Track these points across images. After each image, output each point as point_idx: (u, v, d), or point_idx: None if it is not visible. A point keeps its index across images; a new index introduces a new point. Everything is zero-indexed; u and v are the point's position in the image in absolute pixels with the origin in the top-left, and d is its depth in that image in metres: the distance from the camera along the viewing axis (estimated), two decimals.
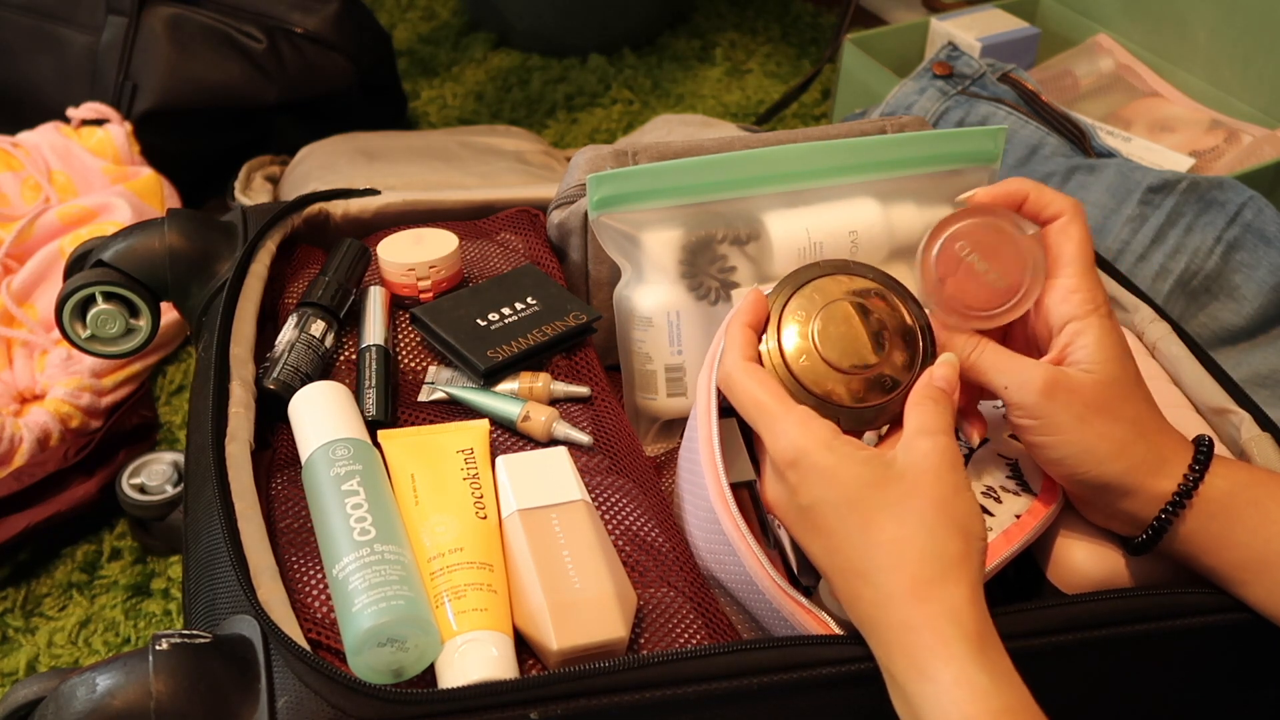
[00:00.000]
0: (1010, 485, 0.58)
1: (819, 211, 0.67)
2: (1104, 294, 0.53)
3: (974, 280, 0.54)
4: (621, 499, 0.58)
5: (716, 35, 1.58)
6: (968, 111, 1.05)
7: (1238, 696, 0.57)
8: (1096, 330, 0.52)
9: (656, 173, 0.65)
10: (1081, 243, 0.54)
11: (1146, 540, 0.53)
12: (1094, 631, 0.52)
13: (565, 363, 0.66)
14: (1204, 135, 1.14)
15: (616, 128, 1.39)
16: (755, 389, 0.52)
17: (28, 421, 0.91)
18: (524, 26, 1.51)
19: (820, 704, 0.50)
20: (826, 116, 1.39)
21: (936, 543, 0.47)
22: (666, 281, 0.66)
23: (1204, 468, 0.51)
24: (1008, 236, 0.54)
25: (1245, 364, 0.90)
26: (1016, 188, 0.55)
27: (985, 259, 0.54)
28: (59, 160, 1.10)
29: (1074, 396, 0.51)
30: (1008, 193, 0.55)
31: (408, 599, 0.48)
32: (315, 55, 1.20)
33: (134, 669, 0.46)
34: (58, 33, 1.17)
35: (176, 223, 0.72)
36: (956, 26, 1.24)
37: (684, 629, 0.53)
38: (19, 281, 1.02)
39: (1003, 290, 0.54)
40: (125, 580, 0.86)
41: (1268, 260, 0.89)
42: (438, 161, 1.11)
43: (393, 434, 0.59)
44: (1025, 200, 0.55)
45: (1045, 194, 0.55)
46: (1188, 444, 0.53)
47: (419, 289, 0.69)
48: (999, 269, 0.54)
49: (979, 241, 0.54)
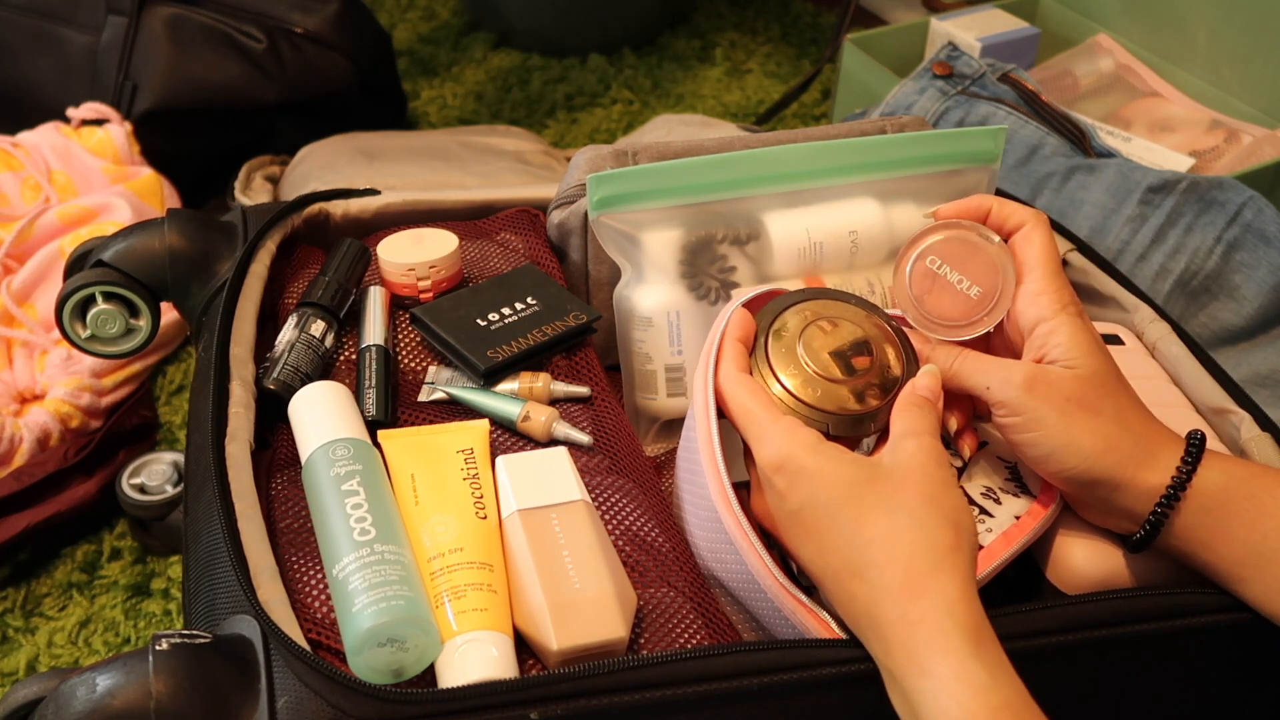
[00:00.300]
0: (1009, 487, 0.58)
1: (819, 211, 0.67)
2: (1071, 294, 0.55)
3: (949, 293, 0.56)
4: (621, 499, 0.58)
5: (716, 35, 1.58)
6: (968, 111, 1.05)
7: (1237, 696, 0.57)
8: (1068, 328, 0.53)
9: (656, 173, 0.65)
10: (1044, 247, 0.55)
11: (1144, 536, 0.53)
12: (1093, 632, 0.52)
13: (565, 363, 0.66)
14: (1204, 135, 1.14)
15: (616, 128, 1.39)
16: (744, 397, 0.53)
17: (28, 421, 0.91)
18: (524, 26, 1.51)
19: (821, 704, 0.50)
20: (826, 116, 1.39)
21: (928, 535, 0.48)
22: (666, 281, 0.66)
23: (1196, 461, 0.52)
24: (976, 246, 0.56)
25: (1245, 364, 0.90)
26: (979, 203, 0.57)
27: (957, 270, 0.56)
28: (59, 160, 1.10)
29: (1055, 390, 0.52)
30: (970, 207, 0.57)
31: (408, 599, 0.48)
32: (315, 55, 1.20)
33: (134, 669, 0.46)
34: (58, 33, 1.17)
35: (176, 223, 0.73)
36: (956, 26, 1.24)
37: (684, 629, 0.53)
38: (19, 281, 1.02)
39: (977, 299, 0.56)
40: (125, 580, 0.86)
41: (1268, 260, 0.89)
42: (438, 161, 1.11)
43: (393, 434, 0.59)
44: (988, 214, 0.57)
45: (1007, 206, 0.57)
46: (1178, 439, 0.53)
47: (419, 289, 0.69)
48: (972, 278, 0.56)
49: (949, 254, 0.56)
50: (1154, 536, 0.52)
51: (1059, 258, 0.56)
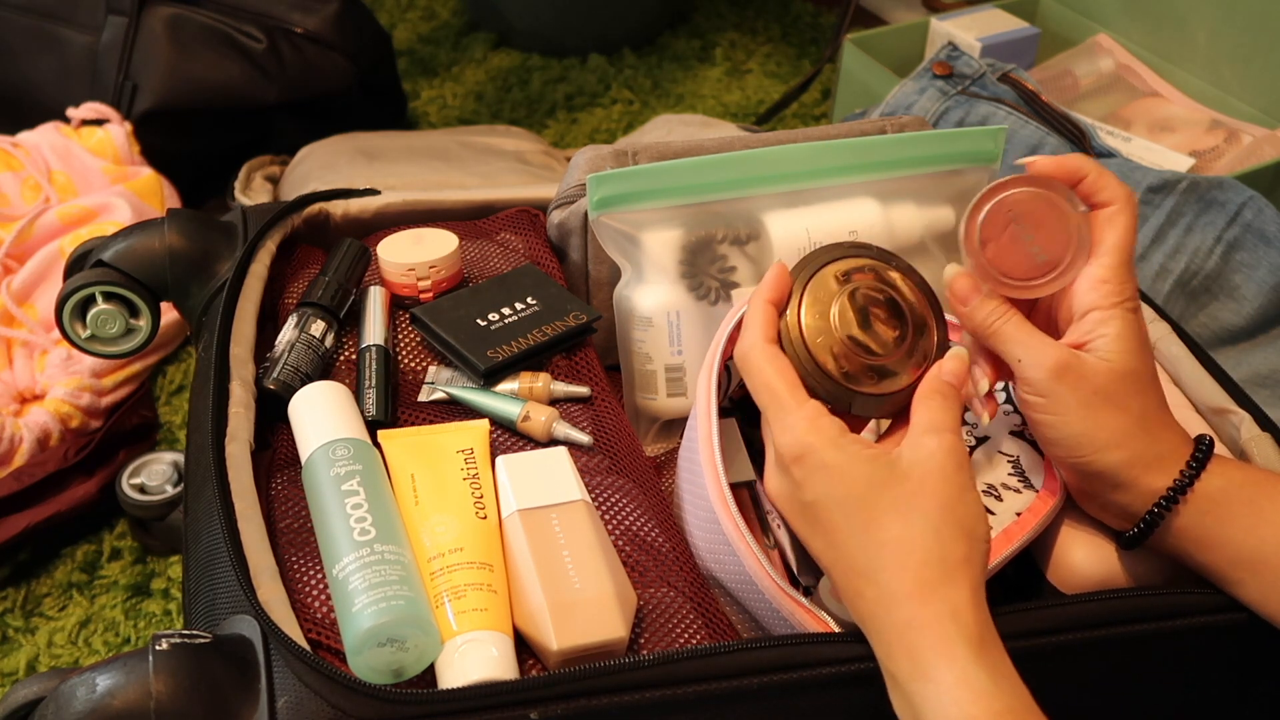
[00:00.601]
0: (1012, 483, 0.58)
1: (819, 211, 0.67)
2: (1134, 288, 0.53)
3: (1016, 248, 0.54)
4: (621, 499, 0.58)
5: (716, 35, 1.58)
6: (968, 111, 1.05)
7: (1236, 696, 0.57)
8: (1119, 323, 0.52)
9: (656, 173, 0.65)
10: (1126, 234, 0.53)
11: (1137, 535, 0.53)
12: (1093, 631, 0.52)
13: (565, 363, 0.66)
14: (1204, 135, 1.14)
15: (616, 128, 1.39)
16: (771, 374, 0.51)
17: (28, 421, 0.91)
18: (524, 26, 1.51)
19: (820, 704, 0.50)
20: (826, 116, 1.39)
21: (941, 544, 0.47)
22: (666, 281, 0.66)
23: (1201, 466, 0.51)
24: (1058, 210, 0.53)
25: (1245, 364, 0.90)
26: (1078, 165, 0.54)
27: (1031, 229, 0.53)
28: (59, 160, 1.10)
29: (1084, 382, 0.51)
30: (1068, 168, 0.54)
31: (408, 599, 0.48)
32: (315, 55, 1.20)
33: (134, 669, 0.46)
34: (58, 33, 1.17)
35: (176, 223, 0.73)
36: (956, 26, 1.24)
37: (684, 629, 0.53)
38: (19, 281, 1.02)
39: (1042, 264, 0.53)
40: (125, 580, 0.86)
41: (1268, 260, 0.89)
42: (438, 161, 1.11)
43: (393, 434, 0.59)
44: (1083, 179, 0.54)
45: (1104, 178, 0.54)
46: (1189, 442, 0.53)
47: (419, 289, 0.69)
48: (1043, 241, 0.53)
49: (1028, 211, 0.53)
50: (1147, 535, 0.52)
51: (1134, 248, 0.54)
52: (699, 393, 0.57)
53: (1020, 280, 0.54)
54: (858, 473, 0.48)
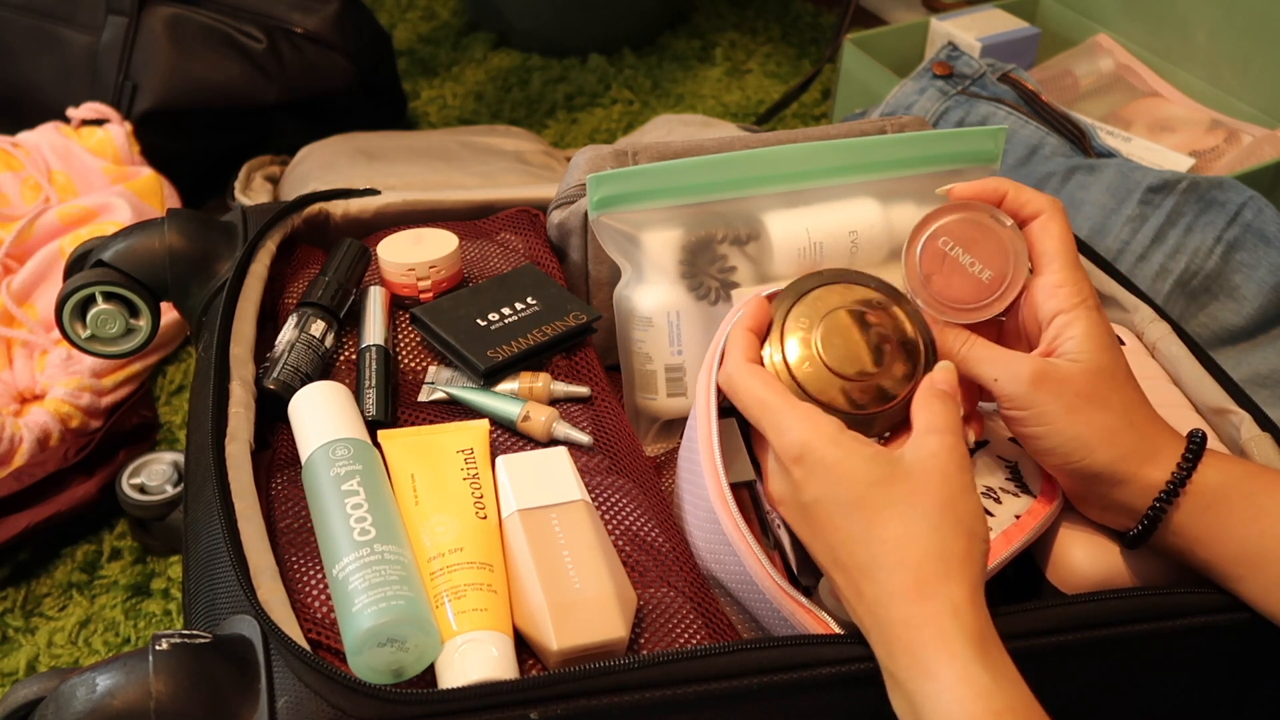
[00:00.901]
0: (1010, 487, 0.58)
1: (819, 211, 0.67)
2: (1090, 287, 0.54)
3: (959, 274, 0.55)
4: (621, 499, 0.58)
5: (716, 35, 1.58)
6: (968, 111, 1.05)
7: (1237, 696, 0.57)
8: (1084, 322, 0.53)
9: (656, 173, 0.65)
10: (1062, 237, 0.55)
11: (1141, 532, 0.53)
12: (1093, 631, 0.52)
13: (565, 363, 0.66)
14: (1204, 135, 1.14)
15: (616, 128, 1.39)
16: (758, 387, 0.52)
17: (28, 421, 0.91)
18: (524, 26, 1.51)
19: (820, 704, 0.50)
20: (826, 116, 1.39)
21: (942, 542, 0.47)
22: (666, 281, 0.66)
23: (1196, 459, 0.52)
24: (988, 229, 0.55)
25: (1245, 364, 0.90)
26: (995, 185, 0.56)
27: (969, 252, 0.55)
28: (59, 160, 1.10)
29: (1063, 386, 0.52)
30: (987, 189, 0.56)
31: (408, 599, 0.48)
32: (315, 55, 1.20)
33: (134, 669, 0.46)
34: (58, 33, 1.17)
35: (176, 223, 0.73)
36: (956, 26, 1.24)
37: (684, 629, 0.53)
38: (19, 281, 1.02)
39: (988, 283, 0.55)
40: (125, 580, 0.86)
41: (1268, 260, 0.89)
42: (438, 161, 1.11)
43: (393, 434, 0.59)
44: (1003, 198, 0.56)
45: (1024, 192, 0.56)
46: (1180, 437, 0.53)
47: (419, 289, 0.69)
48: (983, 261, 0.55)
49: (961, 236, 0.55)
50: (1151, 533, 0.53)
51: (1077, 247, 0.55)
52: (699, 393, 0.57)
53: (972, 304, 0.55)
54: (858, 469, 0.48)
